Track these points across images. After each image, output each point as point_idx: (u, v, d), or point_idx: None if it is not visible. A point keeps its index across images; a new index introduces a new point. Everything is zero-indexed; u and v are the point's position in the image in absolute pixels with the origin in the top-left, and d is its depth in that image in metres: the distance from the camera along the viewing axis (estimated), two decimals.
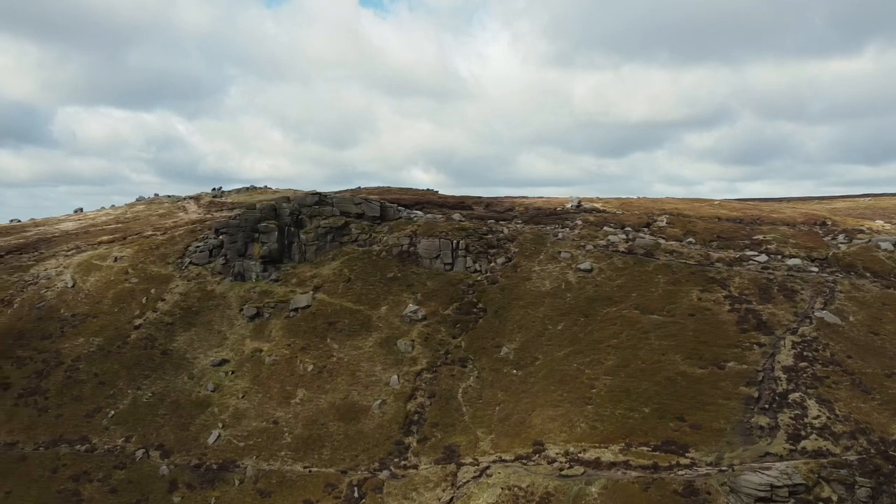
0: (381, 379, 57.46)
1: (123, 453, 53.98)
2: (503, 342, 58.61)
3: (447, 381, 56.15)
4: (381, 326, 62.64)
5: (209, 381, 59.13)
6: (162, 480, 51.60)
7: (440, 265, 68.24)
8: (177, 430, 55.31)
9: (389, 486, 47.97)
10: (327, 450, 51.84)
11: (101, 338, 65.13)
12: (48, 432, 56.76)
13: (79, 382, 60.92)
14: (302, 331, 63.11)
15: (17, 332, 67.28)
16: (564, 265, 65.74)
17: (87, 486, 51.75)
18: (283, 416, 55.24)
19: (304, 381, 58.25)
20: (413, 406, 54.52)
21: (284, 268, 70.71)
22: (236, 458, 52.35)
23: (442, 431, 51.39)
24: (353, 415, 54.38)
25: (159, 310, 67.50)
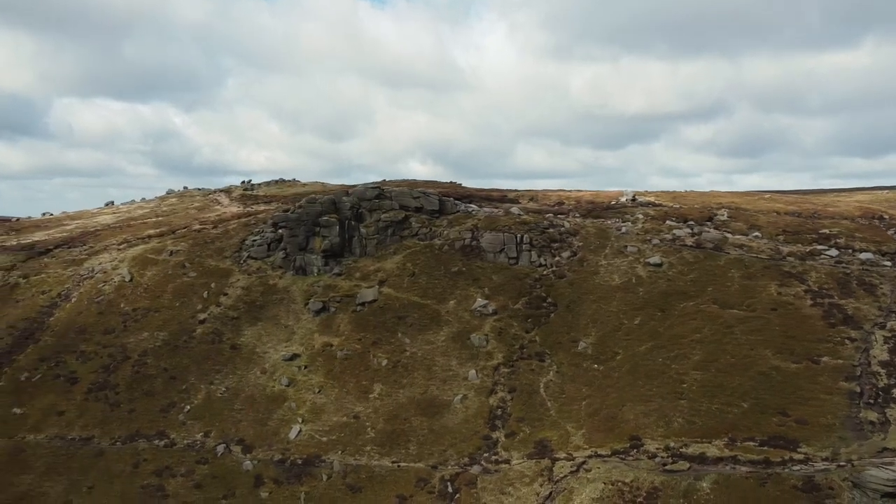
0: (458, 374, 57.00)
1: (204, 448, 53.47)
2: (579, 337, 58.21)
3: (527, 375, 55.72)
4: (451, 321, 62.17)
5: (283, 376, 58.60)
6: (246, 475, 51.12)
7: (504, 259, 67.77)
8: (255, 426, 54.80)
9: (483, 481, 47.56)
10: (413, 445, 51.41)
11: (166, 332, 64.55)
12: (123, 427, 56.21)
13: (148, 377, 60.34)
14: (371, 325, 62.58)
15: (79, 326, 66.67)
16: (632, 259, 65.34)
17: (170, 481, 51.22)
18: (363, 411, 54.76)
19: (379, 375, 57.77)
20: (495, 401, 54.11)
21: (346, 262, 70.14)
22: (321, 453, 51.87)
23: (529, 426, 51.00)
24: (435, 409, 53.95)
25: (223, 304, 66.89)
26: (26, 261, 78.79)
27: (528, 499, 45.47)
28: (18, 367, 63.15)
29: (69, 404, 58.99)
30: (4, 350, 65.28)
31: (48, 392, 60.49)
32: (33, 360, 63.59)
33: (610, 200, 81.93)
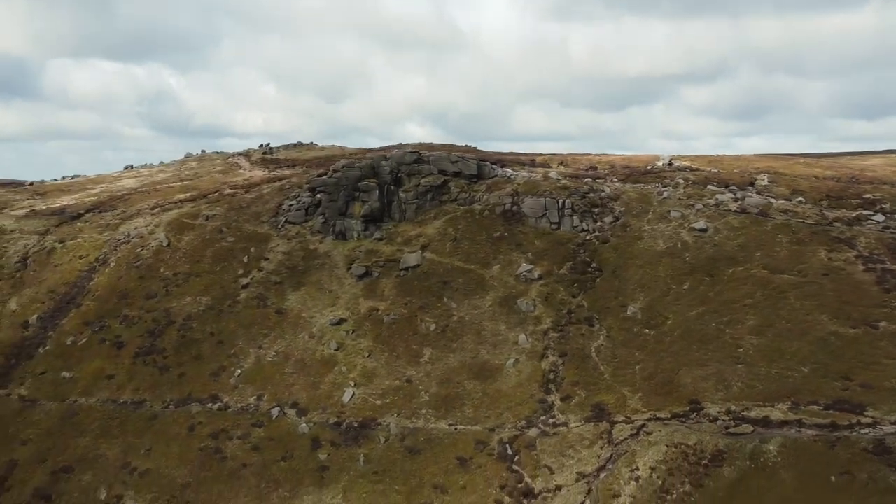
0: (507, 338, 57.14)
1: (258, 411, 53.83)
2: (627, 302, 58.21)
3: (577, 340, 55.86)
4: (497, 286, 62.09)
5: (331, 340, 58.71)
6: (303, 438, 51.54)
7: (546, 224, 67.41)
8: (308, 389, 55.09)
9: (542, 444, 48.02)
10: (468, 408, 51.76)
11: (209, 297, 64.46)
12: (175, 391, 56.48)
13: (195, 342, 60.44)
14: (416, 290, 62.51)
15: (121, 291, 66.55)
16: (676, 224, 65.01)
17: (227, 444, 51.67)
18: (415, 375, 55.02)
19: (428, 340, 57.91)
20: (546, 365, 54.35)
21: (386, 227, 69.74)
22: (376, 416, 52.24)
23: (584, 390, 51.30)
24: (488, 374, 54.21)
25: (264, 269, 66.69)
26: (59, 225, 78.35)
27: (589, 461, 45.97)
28: (63, 331, 63.24)
29: (118, 368, 59.23)
30: (47, 314, 65.29)
31: (95, 356, 60.68)
32: (77, 325, 63.66)
33: (646, 165, 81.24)
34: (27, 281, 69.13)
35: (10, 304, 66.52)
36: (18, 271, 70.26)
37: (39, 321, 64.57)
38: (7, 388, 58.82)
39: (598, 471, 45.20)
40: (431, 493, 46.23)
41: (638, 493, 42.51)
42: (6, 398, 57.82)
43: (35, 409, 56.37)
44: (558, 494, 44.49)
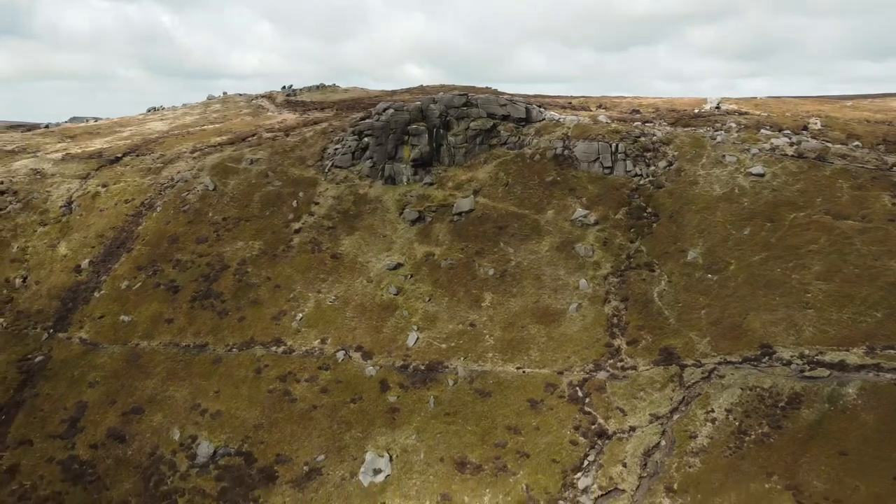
0: (568, 283, 57.16)
1: (323, 355, 54.25)
2: (686, 247, 57.99)
3: (638, 285, 55.88)
4: (552, 231, 61.77)
5: (390, 285, 58.72)
6: (371, 381, 52.08)
7: (599, 169, 66.63)
8: (371, 333, 55.39)
9: (612, 387, 48.58)
10: (534, 352, 52.16)
11: (261, 242, 64.18)
12: (237, 335, 56.80)
13: (252, 286, 60.45)
14: (471, 235, 62.22)
15: (171, 235, 66.20)
16: (732, 169, 64.24)
17: (296, 386, 52.25)
18: (478, 319, 55.25)
19: (488, 285, 57.92)
20: (609, 310, 54.50)
21: (435, 171, 68.91)
22: (442, 359, 52.69)
23: (650, 334, 51.60)
24: (551, 318, 54.42)
25: (316, 214, 66.19)
26: (99, 169, 77.41)
27: (662, 403, 46.59)
28: (117, 275, 63.18)
29: (176, 312, 59.40)
30: (98, 259, 65.16)
31: (152, 300, 60.78)
32: (130, 269, 63.57)
33: (692, 108, 79.83)
34: (74, 225, 68.70)
35: (59, 249, 66.30)
36: (64, 215, 69.74)
37: (91, 266, 64.47)
38: (67, 331, 59.14)
39: (671, 412, 45.85)
40: (505, 433, 46.99)
41: (715, 433, 43.21)
42: (67, 341, 58.19)
43: (98, 352, 56.78)
44: (633, 435, 45.23)
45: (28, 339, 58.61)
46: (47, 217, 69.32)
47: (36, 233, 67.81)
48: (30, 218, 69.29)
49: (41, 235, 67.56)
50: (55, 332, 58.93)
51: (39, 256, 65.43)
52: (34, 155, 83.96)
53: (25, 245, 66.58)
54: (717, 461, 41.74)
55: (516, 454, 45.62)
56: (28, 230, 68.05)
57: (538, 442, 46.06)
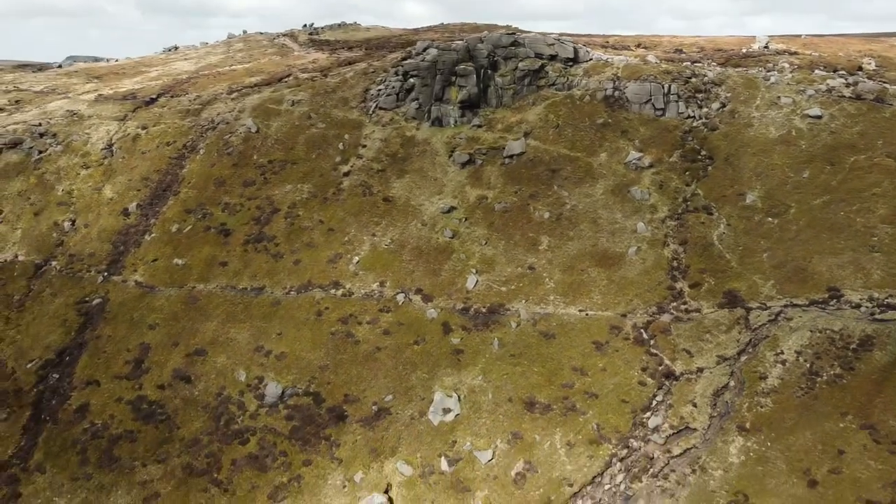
0: (625, 226, 56.87)
1: (383, 297, 54.43)
2: (744, 190, 57.45)
3: (697, 228, 55.61)
4: (606, 174, 61.11)
5: (445, 228, 58.45)
6: (433, 323, 52.39)
7: (650, 111, 65.42)
8: (429, 276, 55.43)
9: (678, 329, 48.88)
10: (596, 294, 52.29)
11: (310, 184, 63.60)
12: (293, 278, 56.88)
13: (304, 229, 60.20)
14: (524, 178, 61.59)
15: (216, 178, 65.56)
16: (788, 111, 63.08)
17: (358, 329, 52.61)
18: (536, 263, 55.21)
19: (543, 228, 57.65)
20: (669, 253, 54.39)
21: (483, 113, 67.72)
22: (503, 302, 52.87)
23: (713, 277, 51.62)
24: (610, 261, 54.36)
25: (364, 156, 65.37)
26: (135, 110, 76.09)
27: (729, 345, 46.97)
28: (166, 218, 62.86)
29: (230, 255, 59.33)
30: (145, 202, 64.69)
31: (204, 244, 60.64)
32: (179, 212, 63.19)
33: (739, 47, 77.90)
34: (117, 168, 67.97)
35: (105, 192, 65.77)
36: (106, 158, 68.91)
37: (139, 209, 64.05)
38: (121, 274, 59.21)
39: (738, 354, 46.27)
40: (571, 374, 47.56)
41: (785, 375, 43.70)
42: (123, 284, 58.33)
43: (155, 295, 56.97)
44: (701, 376, 45.76)
45: (83, 281, 58.76)
46: (89, 160, 68.52)
47: (79, 175, 67.17)
48: (72, 160, 68.51)
49: (85, 178, 66.93)
50: (110, 275, 59.02)
51: (86, 199, 64.98)
52: (65, 96, 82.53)
53: (70, 188, 66.03)
54: (790, 401, 42.34)
55: (584, 394, 46.26)
56: (71, 173, 67.38)
57: (606, 383, 46.64)
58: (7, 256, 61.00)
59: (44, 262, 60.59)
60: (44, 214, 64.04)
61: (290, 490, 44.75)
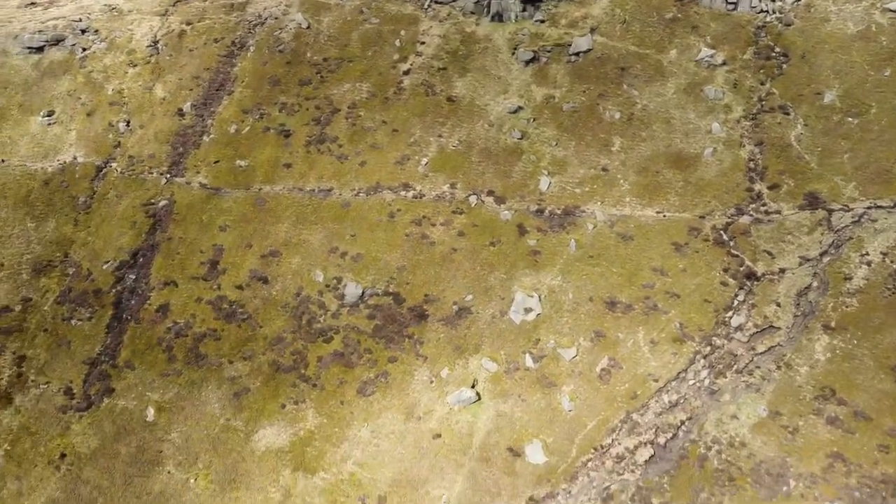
0: (699, 127, 55.65)
1: (455, 199, 54.07)
2: (822, 89, 55.76)
3: (774, 129, 54.43)
4: (677, 72, 59.16)
5: (512, 129, 57.24)
6: (507, 225, 52.32)
7: (721, 4, 62.47)
8: (500, 178, 54.81)
9: (758, 231, 48.82)
10: (672, 196, 51.87)
11: (369, 83, 61.73)
12: (361, 180, 56.30)
13: (368, 130, 59.00)
14: (592, 77, 59.69)
15: (270, 77, 63.60)
16: (867, 5, 60.15)
17: (432, 230, 52.60)
18: (609, 164, 54.44)
19: (615, 129, 56.44)
20: (746, 154, 53.52)
21: (545, 7, 64.76)
22: (578, 203, 52.57)
23: (792, 179, 51.02)
24: (685, 162, 53.56)
25: (423, 54, 63.06)
26: (175, 5, 72.70)
27: (811, 246, 47.02)
28: (222, 119, 61.53)
29: (293, 157, 58.50)
30: (199, 102, 63.10)
31: (264, 145, 59.64)
32: (235, 113, 61.77)
33: None
34: (165, 66, 65.81)
35: (156, 92, 64.04)
36: (152, 55, 66.58)
37: (193, 109, 62.52)
38: (184, 176, 58.61)
39: (821, 256, 46.41)
40: (652, 275, 47.94)
41: (871, 275, 44.00)
42: (187, 186, 57.89)
43: (222, 196, 56.62)
44: (783, 277, 46.13)
45: (147, 183, 58.24)
46: (135, 57, 66.25)
47: (128, 74, 65.16)
48: (118, 58, 66.27)
49: (134, 77, 64.97)
50: (172, 176, 58.41)
51: (137, 100, 63.35)
52: None
53: (120, 87, 64.22)
54: (876, 301, 42.87)
55: (665, 294, 46.82)
56: (119, 72, 65.34)
57: (687, 283, 47.09)
58: (66, 158, 60.22)
59: (104, 163, 59.85)
60: (97, 115, 62.67)
61: (378, 385, 46.18)
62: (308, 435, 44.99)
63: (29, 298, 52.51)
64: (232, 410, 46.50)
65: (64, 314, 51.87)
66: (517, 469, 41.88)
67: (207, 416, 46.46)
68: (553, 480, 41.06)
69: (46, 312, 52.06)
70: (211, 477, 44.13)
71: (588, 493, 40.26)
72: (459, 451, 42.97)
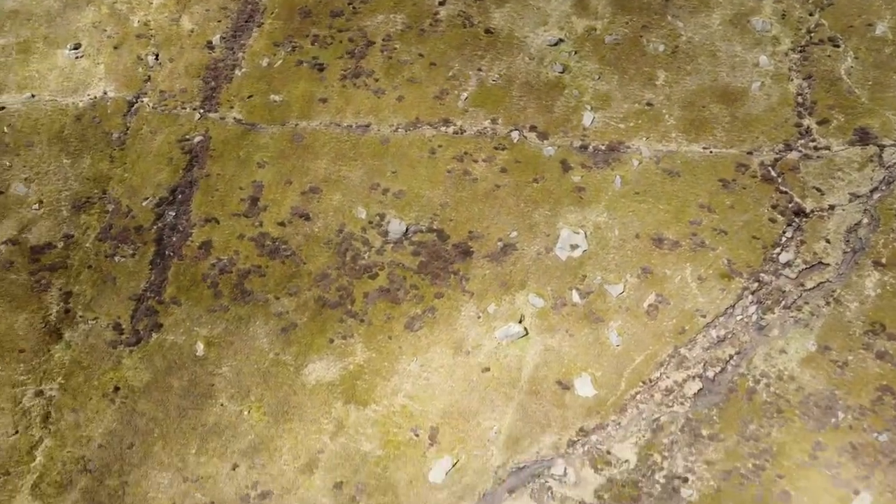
0: (745, 60, 54.31)
1: (497, 135, 53.31)
2: (873, 20, 54.18)
3: (822, 62, 53.15)
4: (722, 3, 57.23)
5: (553, 62, 55.88)
6: (551, 161, 51.74)
7: None
8: (542, 113, 53.89)
9: (807, 167, 48.31)
10: (719, 131, 51.10)
11: (403, 14, 59.93)
12: (399, 115, 55.36)
13: (404, 63, 57.65)
14: (634, 7, 57.86)
15: (300, 8, 61.67)
16: None
17: (474, 166, 52.10)
18: (654, 98, 53.40)
19: (659, 62, 55.09)
20: (794, 88, 52.45)
21: None
22: (622, 139, 51.85)
23: (842, 114, 50.14)
24: (732, 97, 52.51)
25: None
26: None
27: (861, 183, 46.62)
28: (253, 52, 60.05)
29: (328, 91, 57.36)
30: (228, 34, 61.42)
31: (298, 79, 58.40)
32: (266, 46, 60.23)
33: None
34: None
35: (183, 23, 62.28)
36: None
37: (223, 41, 60.94)
38: (218, 111, 57.65)
39: (871, 192, 46.09)
40: (698, 211, 47.73)
41: None
42: (221, 122, 57.00)
43: (258, 132, 55.84)
44: (833, 213, 45.92)
45: (180, 119, 57.35)
46: None
47: (153, 5, 63.18)
48: None
49: (159, 8, 63.02)
50: (206, 111, 57.45)
51: (165, 32, 61.67)
52: None
53: (146, 19, 62.44)
54: None
55: (713, 231, 46.72)
56: (143, 2, 63.26)
57: (734, 220, 46.91)
58: (96, 93, 59.10)
59: (134, 98, 58.76)
60: (124, 48, 61.16)
61: (426, 320, 46.64)
62: (357, 369, 45.73)
63: (70, 235, 52.52)
64: (280, 345, 47.12)
65: (107, 251, 51.97)
66: (566, 402, 42.74)
67: (256, 350, 47.12)
68: (602, 412, 41.95)
69: (89, 249, 52.16)
70: (264, 409, 45.10)
71: (637, 424, 41.20)
72: (508, 385, 43.76)
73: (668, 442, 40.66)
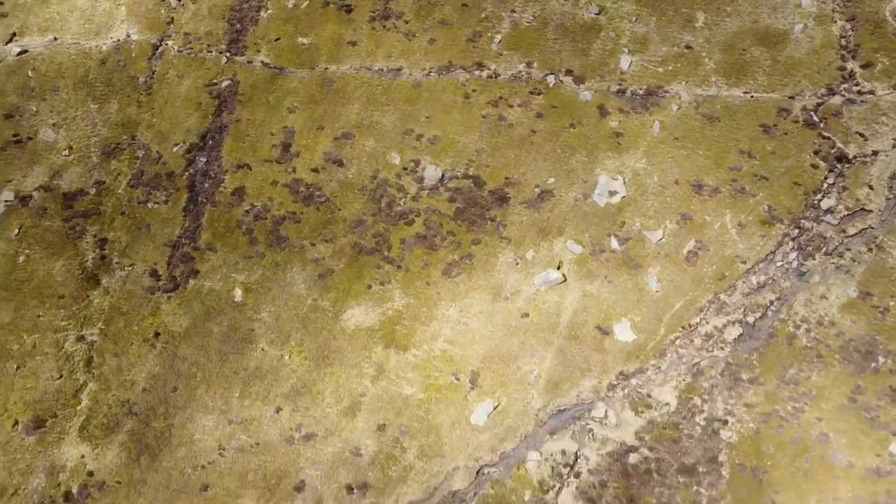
0: (788, 1, 52.84)
1: (532, 79, 52.26)
2: None
3: (867, 3, 51.46)
4: None
5: (589, 4, 54.25)
6: (587, 106, 50.87)
7: None
8: (578, 56, 52.70)
9: (850, 112, 47.51)
10: (760, 75, 50.05)
11: None
12: (431, 59, 54.17)
13: (434, 5, 55.96)
14: None
15: None
16: None
17: (509, 111, 51.27)
18: (693, 41, 52.15)
19: (697, 3, 53.50)
20: (836, 31, 51.19)
21: None
22: (661, 83, 50.82)
23: (887, 57, 48.58)
24: (774, 39, 51.32)
25: None
26: None
27: None
28: None
29: (357, 34, 55.98)
30: None
31: (326, 21, 56.88)
32: None
33: None
34: None
35: None
36: None
37: None
38: (245, 55, 56.40)
39: None
40: (738, 157, 47.19)
41: None
42: (249, 66, 55.80)
43: (286, 76, 54.74)
44: (876, 160, 45.33)
45: (207, 62, 56.17)
46: None
47: None
48: None
49: None
50: (233, 55, 56.23)
51: None
52: None
53: None
54: None
55: (753, 177, 46.27)
56: None
57: (776, 166, 46.41)
58: (119, 35, 57.69)
59: (159, 41, 57.39)
60: None
61: (463, 267, 46.67)
62: (396, 314, 46.00)
63: (102, 181, 52.08)
64: (318, 291, 47.26)
65: (139, 197, 51.59)
66: (606, 346, 43.11)
67: (294, 296, 47.29)
68: (642, 357, 42.36)
69: (121, 195, 51.78)
70: (304, 354, 45.55)
71: (677, 368, 41.65)
72: (548, 330, 44.05)
73: (708, 386, 41.18)
